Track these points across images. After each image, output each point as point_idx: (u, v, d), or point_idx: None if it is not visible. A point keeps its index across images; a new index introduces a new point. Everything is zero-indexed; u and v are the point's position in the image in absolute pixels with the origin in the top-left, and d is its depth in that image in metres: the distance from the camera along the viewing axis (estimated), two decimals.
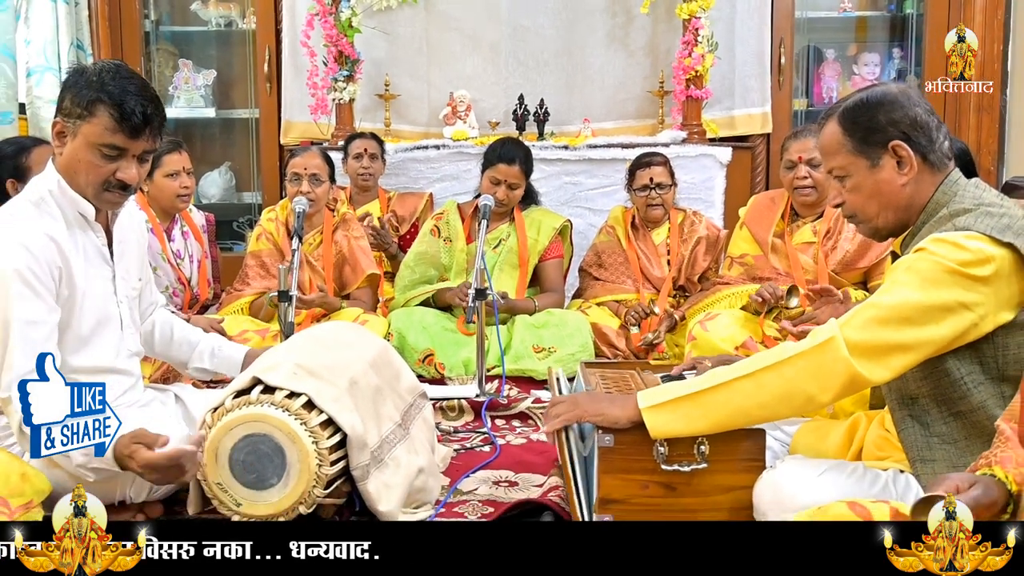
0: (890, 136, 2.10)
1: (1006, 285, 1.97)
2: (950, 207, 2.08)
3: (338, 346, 2.72)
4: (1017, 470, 1.59)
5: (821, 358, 2.01)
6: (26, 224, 2.36)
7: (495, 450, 3.16)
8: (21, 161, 3.35)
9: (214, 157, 6.10)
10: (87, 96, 2.32)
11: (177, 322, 2.94)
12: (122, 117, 2.32)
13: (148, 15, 5.87)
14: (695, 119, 5.22)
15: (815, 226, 3.89)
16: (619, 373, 2.77)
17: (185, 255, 4.16)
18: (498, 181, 4.25)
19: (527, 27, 5.51)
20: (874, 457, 2.19)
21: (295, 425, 2.29)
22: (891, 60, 5.88)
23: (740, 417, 2.12)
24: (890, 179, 2.12)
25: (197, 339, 2.92)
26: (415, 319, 4.07)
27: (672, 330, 4.13)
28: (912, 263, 2.01)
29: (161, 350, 2.91)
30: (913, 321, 1.96)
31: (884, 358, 1.98)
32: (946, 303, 1.95)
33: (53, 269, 2.35)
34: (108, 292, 2.54)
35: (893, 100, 2.12)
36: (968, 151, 3.45)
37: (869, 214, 2.18)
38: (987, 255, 1.95)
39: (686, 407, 2.13)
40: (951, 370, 2.02)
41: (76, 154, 2.37)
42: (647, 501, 2.20)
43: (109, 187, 2.40)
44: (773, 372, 2.06)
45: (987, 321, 1.97)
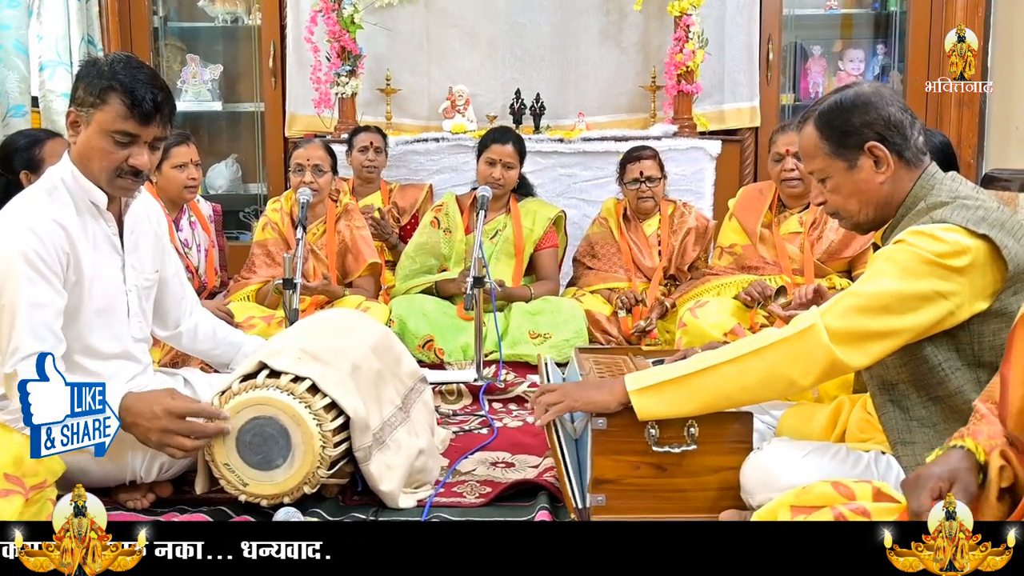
0: (865, 137, 2.12)
1: (981, 275, 1.99)
2: (928, 200, 2.11)
3: (341, 332, 2.75)
4: (988, 441, 1.61)
5: (802, 344, 2.05)
6: (35, 210, 2.39)
7: (492, 432, 3.17)
8: (34, 153, 3.37)
9: (221, 149, 6.12)
10: (99, 85, 2.36)
11: (219, 324, 2.99)
12: (133, 104, 2.34)
13: (157, 11, 5.89)
14: (686, 113, 5.25)
15: (801, 217, 3.93)
16: (612, 358, 2.81)
17: (193, 244, 4.18)
18: (493, 161, 4.31)
19: (524, 24, 5.54)
20: (857, 439, 2.22)
21: (300, 408, 2.32)
22: (875, 56, 5.90)
23: (724, 400, 2.17)
24: (868, 178, 2.14)
25: (241, 340, 2.97)
26: (415, 306, 4.11)
27: (663, 317, 4.15)
28: (891, 254, 2.05)
29: (204, 349, 2.94)
30: (891, 309, 2.00)
31: (863, 344, 2.03)
32: (923, 292, 1.99)
33: (60, 254, 2.37)
34: (117, 280, 2.55)
35: (866, 102, 2.13)
36: (950, 144, 3.48)
37: (851, 212, 2.20)
38: (963, 246, 1.98)
39: (672, 390, 2.17)
40: (929, 357, 2.06)
41: (90, 141, 2.39)
42: (638, 481, 2.25)
43: (122, 173, 2.42)
44: (756, 357, 2.10)
45: (963, 310, 2.00)
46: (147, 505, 2.53)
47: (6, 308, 2.32)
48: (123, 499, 2.51)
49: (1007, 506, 1.56)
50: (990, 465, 1.57)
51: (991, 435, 1.63)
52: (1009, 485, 1.57)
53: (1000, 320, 2.02)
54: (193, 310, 2.92)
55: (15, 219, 2.38)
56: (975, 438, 1.63)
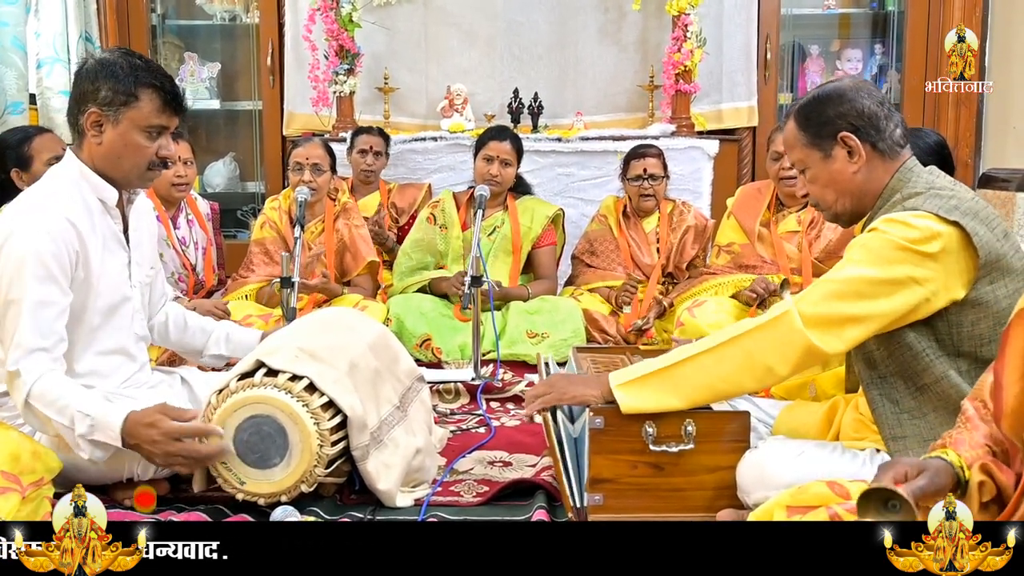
0: (838, 128, 2.17)
1: (955, 261, 2.03)
2: (903, 192, 2.15)
3: (339, 331, 2.74)
4: (970, 452, 1.61)
5: (777, 330, 2.09)
6: (48, 209, 2.40)
7: (490, 431, 3.17)
8: (23, 150, 3.38)
9: (219, 147, 6.13)
10: (129, 83, 2.41)
11: (189, 313, 2.98)
12: (168, 98, 2.45)
13: (155, 9, 5.91)
14: (684, 112, 5.27)
15: (800, 216, 3.94)
16: (610, 357, 2.82)
17: (190, 242, 4.18)
18: (491, 158, 4.32)
19: (522, 23, 5.56)
20: (851, 438, 2.23)
21: (297, 407, 2.31)
22: (873, 56, 5.91)
23: (707, 391, 2.19)
24: (842, 168, 2.19)
25: (211, 327, 2.96)
26: (413, 305, 4.11)
27: (661, 316, 4.16)
28: (865, 241, 2.09)
29: (176, 339, 2.93)
30: (864, 295, 2.04)
31: (837, 329, 2.06)
32: (896, 278, 2.03)
33: (71, 252, 2.39)
34: (123, 277, 2.58)
35: (842, 94, 2.19)
36: (945, 144, 3.43)
37: (828, 201, 2.24)
38: (934, 232, 2.02)
39: (654, 383, 2.20)
40: (912, 344, 2.09)
41: (122, 138, 2.44)
42: (636, 480, 2.26)
43: (152, 165, 2.49)
44: (733, 345, 2.14)
45: (939, 297, 2.04)
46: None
47: (12, 305, 2.35)
48: (120, 497, 2.51)
49: (991, 516, 1.57)
50: (971, 481, 1.58)
51: (972, 444, 1.64)
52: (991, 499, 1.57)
53: (977, 310, 2.06)
54: (165, 304, 2.94)
55: (29, 218, 2.40)
56: (957, 449, 1.64)
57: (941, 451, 1.64)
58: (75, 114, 2.48)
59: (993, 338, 2.03)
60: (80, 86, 2.47)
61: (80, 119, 2.46)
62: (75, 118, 2.48)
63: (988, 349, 2.03)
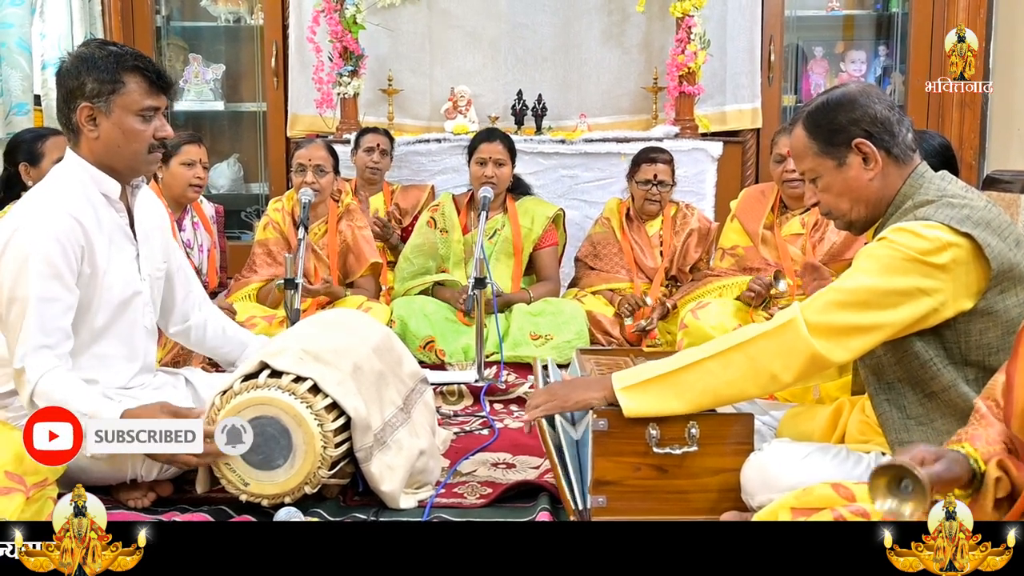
0: (852, 135, 2.14)
1: (964, 273, 2.01)
2: (915, 199, 2.12)
3: (343, 332, 2.75)
4: (986, 448, 1.61)
5: (783, 338, 2.08)
6: (53, 206, 2.42)
7: (493, 433, 3.18)
8: (36, 147, 3.41)
9: (223, 149, 6.13)
10: (111, 71, 2.41)
11: (229, 322, 3.00)
12: (154, 77, 2.45)
13: (159, 10, 5.92)
14: (687, 114, 5.25)
15: (803, 218, 3.92)
16: (613, 359, 2.82)
17: (195, 244, 4.19)
18: (484, 161, 4.31)
19: (526, 25, 5.54)
20: (856, 441, 2.23)
21: (301, 408, 2.33)
22: (877, 58, 5.90)
23: (711, 396, 2.17)
24: (857, 176, 2.15)
25: (247, 339, 2.98)
26: (417, 307, 4.11)
27: (664, 318, 4.16)
28: (873, 251, 2.07)
29: (212, 346, 2.95)
30: (871, 305, 2.02)
31: (843, 339, 2.05)
32: (904, 288, 2.00)
33: (76, 248, 2.41)
34: (132, 271, 2.59)
35: (852, 100, 2.16)
36: (950, 146, 3.46)
37: (843, 210, 2.21)
38: (944, 243, 1.99)
39: (658, 387, 2.18)
40: (920, 352, 2.07)
41: (119, 126, 2.44)
42: (639, 483, 2.25)
43: (152, 148, 2.49)
44: (738, 351, 2.12)
45: (947, 307, 2.02)
46: (148, 504, 2.53)
47: (17, 303, 2.37)
48: (124, 498, 2.52)
49: (1003, 513, 1.56)
50: (987, 475, 1.57)
51: (989, 440, 1.63)
52: (1005, 495, 1.56)
53: (986, 319, 2.04)
54: (202, 305, 2.94)
55: (33, 215, 2.41)
56: (973, 443, 1.63)
57: (957, 445, 1.63)
58: (66, 114, 2.48)
59: (1002, 347, 2.02)
60: (65, 85, 2.47)
61: (72, 117, 2.46)
62: (67, 118, 2.48)
63: (996, 358, 2.01)
